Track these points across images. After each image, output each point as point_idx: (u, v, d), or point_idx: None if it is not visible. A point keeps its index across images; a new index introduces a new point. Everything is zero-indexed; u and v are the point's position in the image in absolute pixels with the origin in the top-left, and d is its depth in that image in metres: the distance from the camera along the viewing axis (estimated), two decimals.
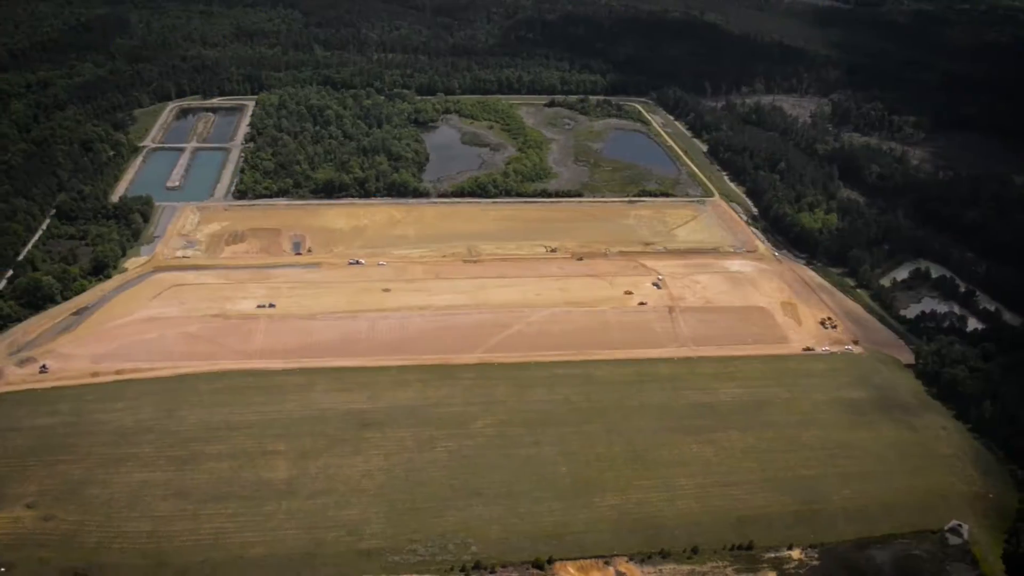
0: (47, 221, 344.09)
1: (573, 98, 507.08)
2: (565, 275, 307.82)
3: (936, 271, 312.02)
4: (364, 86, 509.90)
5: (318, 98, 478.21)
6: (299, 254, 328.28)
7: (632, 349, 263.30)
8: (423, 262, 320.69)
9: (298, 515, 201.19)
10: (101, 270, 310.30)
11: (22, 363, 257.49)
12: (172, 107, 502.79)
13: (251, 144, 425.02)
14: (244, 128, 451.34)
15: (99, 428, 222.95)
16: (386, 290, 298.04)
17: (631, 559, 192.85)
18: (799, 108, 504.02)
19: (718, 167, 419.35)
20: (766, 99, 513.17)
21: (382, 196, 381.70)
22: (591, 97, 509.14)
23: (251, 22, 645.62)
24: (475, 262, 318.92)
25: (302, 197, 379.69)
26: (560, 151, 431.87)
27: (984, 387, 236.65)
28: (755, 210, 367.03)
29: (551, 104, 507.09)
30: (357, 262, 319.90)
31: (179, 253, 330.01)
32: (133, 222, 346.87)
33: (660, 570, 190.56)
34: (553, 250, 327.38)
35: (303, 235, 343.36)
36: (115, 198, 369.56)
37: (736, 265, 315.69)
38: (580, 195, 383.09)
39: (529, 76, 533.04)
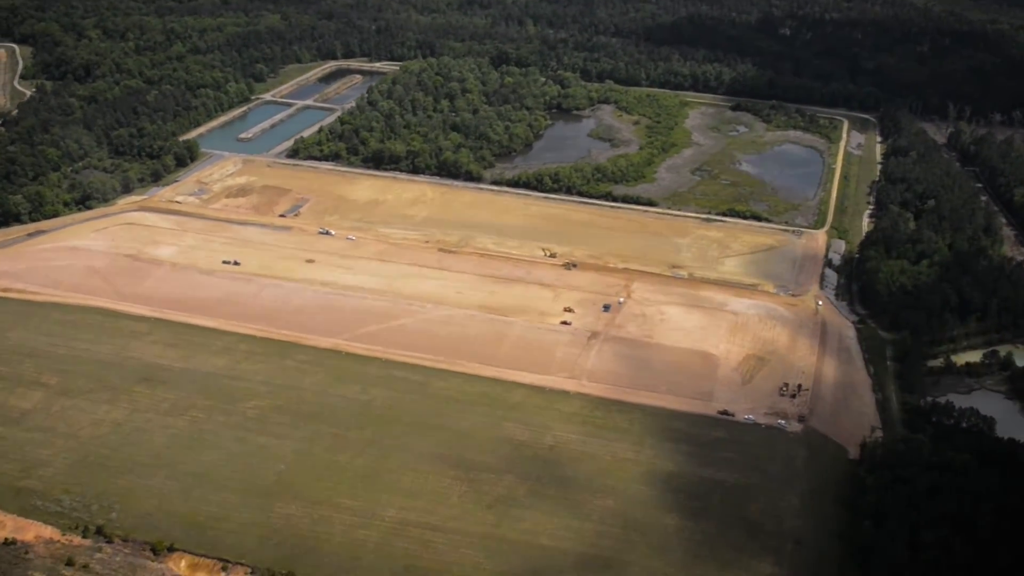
0: (99, 151, 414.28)
1: (764, 104, 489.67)
2: (517, 280, 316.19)
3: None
4: (539, 65, 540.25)
5: (464, 71, 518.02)
6: (283, 216, 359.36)
7: (505, 369, 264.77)
8: (393, 243, 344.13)
9: (3, 442, 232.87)
10: (84, 201, 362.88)
11: None
12: (329, 66, 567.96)
13: (353, 107, 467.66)
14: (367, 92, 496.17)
15: None
16: (309, 261, 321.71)
17: (254, 571, 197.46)
18: None
19: (872, 198, 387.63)
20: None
21: (430, 174, 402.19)
22: (789, 105, 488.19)
23: None
24: (449, 252, 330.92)
25: (350, 164, 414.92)
26: (690, 157, 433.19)
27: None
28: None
29: (736, 107, 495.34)
30: (327, 232, 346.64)
31: (179, 198, 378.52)
32: (165, 164, 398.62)
33: None
34: (552, 255, 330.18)
35: (310, 200, 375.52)
36: (183, 139, 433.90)
37: (744, 305, 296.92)
38: (653, 204, 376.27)
39: (732, 74, 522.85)
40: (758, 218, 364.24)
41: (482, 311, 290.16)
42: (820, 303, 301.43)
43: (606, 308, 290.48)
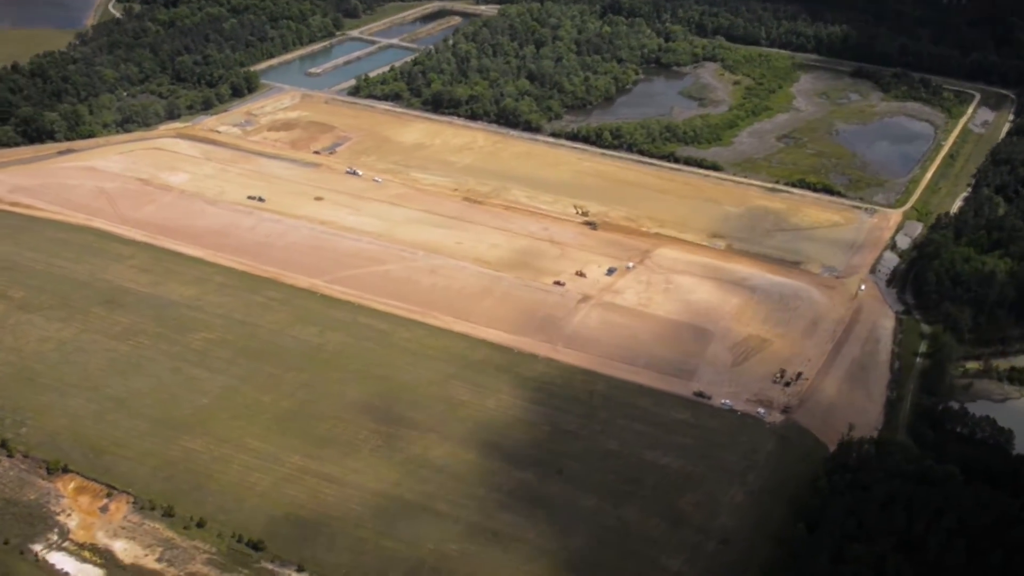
0: (160, 76, 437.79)
1: (887, 71, 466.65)
2: (527, 236, 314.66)
3: None
4: (652, 16, 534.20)
5: (563, 18, 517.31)
6: (317, 153, 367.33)
7: (477, 325, 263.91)
8: (417, 188, 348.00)
9: None
10: (123, 124, 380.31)
11: None
12: (432, 6, 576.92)
13: (432, 49, 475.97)
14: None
15: None
16: (318, 199, 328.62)
17: (136, 501, 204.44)
18: None
19: (971, 178, 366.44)
20: None
21: (488, 121, 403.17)
22: (915, 75, 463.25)
23: None
24: (474, 203, 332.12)
25: (409, 106, 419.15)
26: (782, 123, 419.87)
27: None
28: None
29: (855, 74, 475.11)
30: (354, 172, 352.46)
31: (221, 128, 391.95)
32: (219, 93, 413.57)
33: (144, 523, 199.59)
34: (584, 213, 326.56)
35: (352, 139, 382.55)
36: (250, 70, 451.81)
37: (769, 282, 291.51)
38: (717, 169, 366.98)
39: (859, 38, 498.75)
40: (830, 192, 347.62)
41: (475, 263, 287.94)
42: (863, 287, 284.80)
43: (610, 272, 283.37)
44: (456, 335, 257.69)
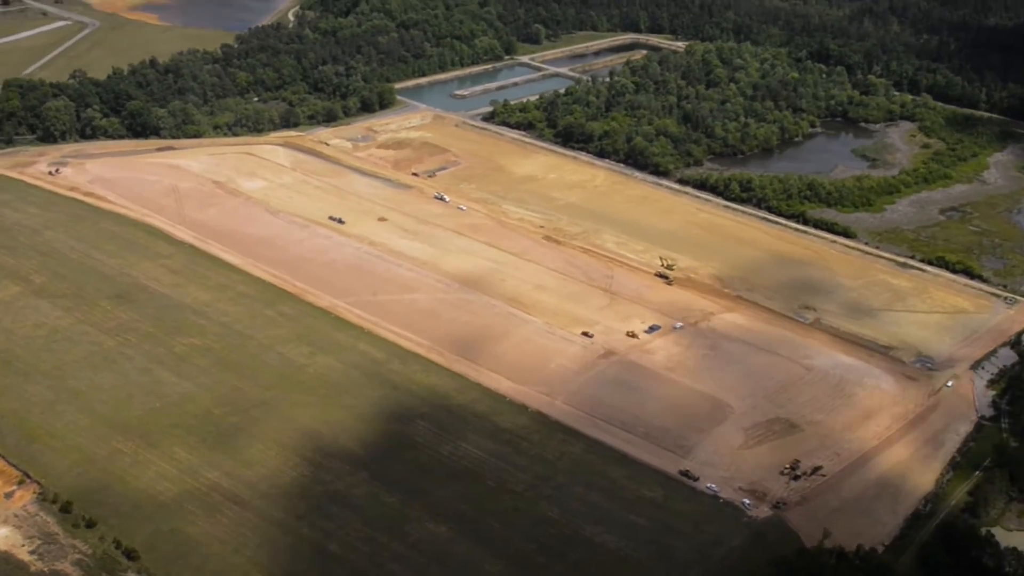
0: (299, 83, 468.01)
1: None
2: (583, 281, 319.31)
3: None
4: (860, 67, 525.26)
5: (749, 59, 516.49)
6: (416, 175, 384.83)
7: (482, 367, 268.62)
8: (499, 220, 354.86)
9: None
10: (234, 126, 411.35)
11: (54, 166, 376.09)
12: (624, 38, 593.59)
13: (589, 80, 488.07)
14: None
15: None
16: (381, 219, 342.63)
17: (42, 492, 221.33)
18: None
19: None
20: None
21: (616, 160, 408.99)
22: None
23: None
24: (554, 242, 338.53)
25: (540, 137, 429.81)
26: (956, 194, 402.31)
27: None
28: None
29: None
30: (441, 197, 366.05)
31: (334, 141, 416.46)
32: (347, 106, 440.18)
33: (38, 515, 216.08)
34: (669, 266, 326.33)
35: (460, 164, 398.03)
36: (397, 86, 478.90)
37: (832, 363, 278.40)
38: (850, 236, 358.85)
39: None
40: (971, 274, 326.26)
41: (508, 303, 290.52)
42: (950, 383, 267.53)
43: (651, 329, 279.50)
44: (451, 374, 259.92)
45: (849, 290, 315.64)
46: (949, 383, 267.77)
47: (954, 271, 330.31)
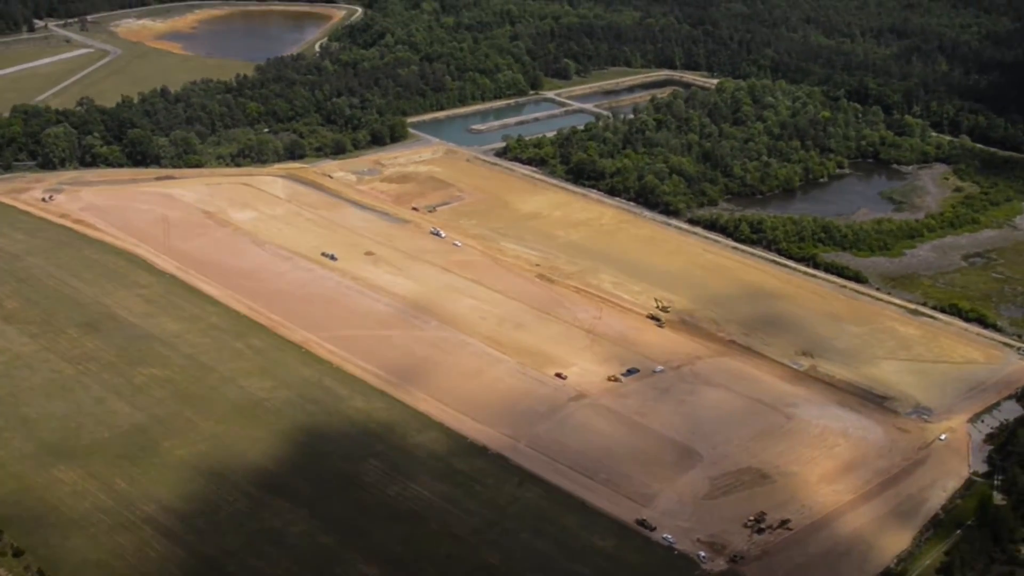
0: (311, 115, 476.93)
1: None
2: (567, 321, 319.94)
3: None
4: (899, 106, 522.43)
5: (779, 97, 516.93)
6: (415, 209, 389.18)
7: (446, 407, 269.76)
8: (492, 257, 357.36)
9: None
10: (236, 157, 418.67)
11: (48, 192, 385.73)
12: (658, 75, 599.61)
13: (610, 115, 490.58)
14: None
15: None
16: (368, 253, 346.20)
17: None
18: None
19: None
20: None
21: (626, 198, 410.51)
22: None
23: None
24: (547, 280, 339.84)
25: (551, 173, 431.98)
26: (982, 239, 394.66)
27: None
28: None
29: None
30: (437, 233, 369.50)
31: (338, 173, 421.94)
32: (356, 139, 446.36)
33: None
34: (664, 308, 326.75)
35: (463, 199, 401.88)
36: (410, 120, 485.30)
37: (818, 413, 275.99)
38: (860, 280, 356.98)
39: None
40: (984, 323, 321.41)
41: (484, 341, 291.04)
42: (943, 436, 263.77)
43: (629, 372, 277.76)
44: (414, 413, 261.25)
45: (852, 337, 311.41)
46: (943, 436, 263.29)
47: (967, 319, 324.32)
